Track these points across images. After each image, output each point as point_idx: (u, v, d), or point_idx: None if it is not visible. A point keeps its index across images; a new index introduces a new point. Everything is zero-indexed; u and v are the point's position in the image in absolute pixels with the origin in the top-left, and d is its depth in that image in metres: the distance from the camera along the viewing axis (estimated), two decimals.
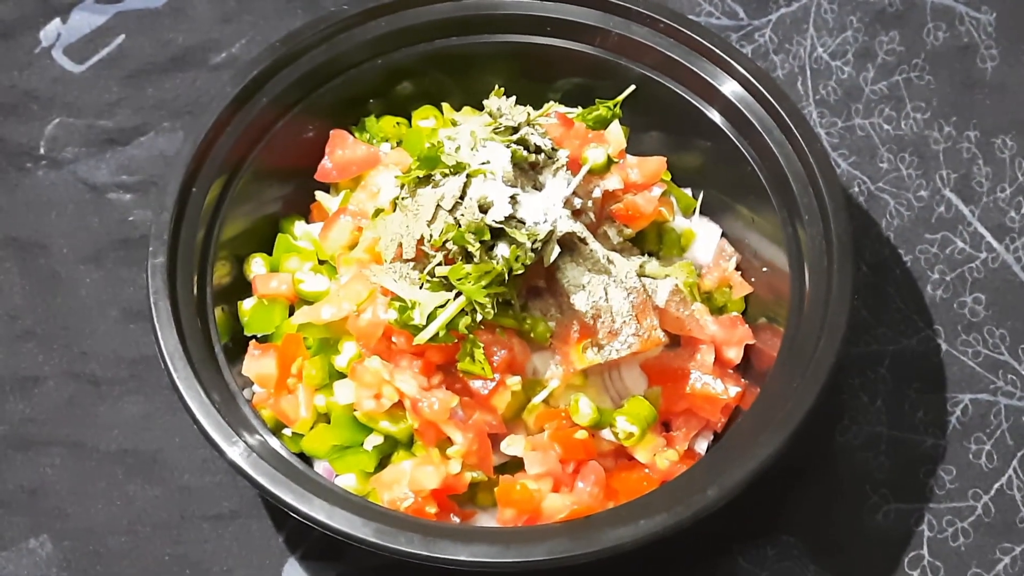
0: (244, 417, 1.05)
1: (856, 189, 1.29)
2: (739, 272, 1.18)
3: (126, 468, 1.18)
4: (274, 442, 1.06)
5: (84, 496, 1.17)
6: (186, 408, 1.02)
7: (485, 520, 1.08)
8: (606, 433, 1.08)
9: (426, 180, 1.06)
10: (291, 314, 1.14)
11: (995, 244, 1.26)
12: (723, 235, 1.20)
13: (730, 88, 1.15)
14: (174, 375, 1.03)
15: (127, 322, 1.23)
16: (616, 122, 1.17)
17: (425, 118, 1.21)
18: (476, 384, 1.04)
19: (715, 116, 1.16)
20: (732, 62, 1.15)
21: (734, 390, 1.10)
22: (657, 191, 1.15)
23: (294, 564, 1.14)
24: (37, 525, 1.16)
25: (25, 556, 1.15)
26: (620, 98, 1.18)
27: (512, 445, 1.07)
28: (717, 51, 1.15)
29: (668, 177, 1.20)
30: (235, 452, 1.00)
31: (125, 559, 1.15)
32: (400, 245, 1.05)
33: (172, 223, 1.08)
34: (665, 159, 1.16)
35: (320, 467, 1.09)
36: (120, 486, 1.17)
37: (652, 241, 1.16)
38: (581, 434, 1.06)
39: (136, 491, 1.17)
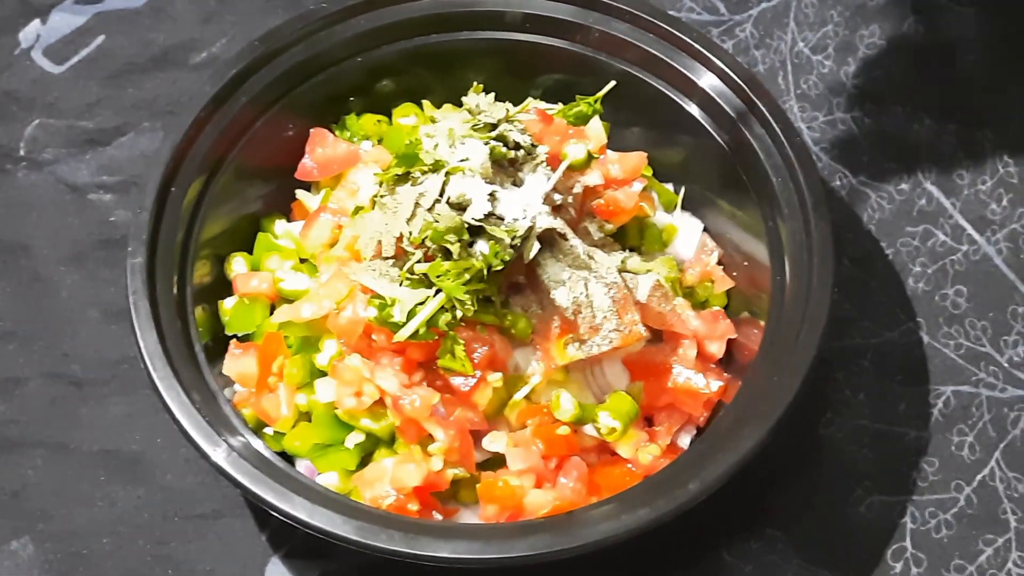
0: (225, 417, 1.05)
1: (838, 183, 1.29)
2: (721, 267, 1.18)
3: (108, 469, 1.18)
4: (255, 441, 1.05)
5: (66, 497, 1.17)
6: (166, 408, 1.02)
7: (468, 517, 1.08)
8: (588, 428, 1.08)
9: (405, 178, 1.06)
10: (272, 313, 1.14)
11: (976, 236, 1.26)
12: (705, 230, 1.20)
13: (710, 83, 1.15)
14: (154, 375, 1.03)
15: (108, 323, 1.23)
16: (597, 118, 1.17)
17: (406, 115, 1.20)
18: (457, 381, 1.04)
19: (695, 111, 1.16)
20: (712, 57, 1.15)
21: (716, 384, 1.09)
22: (638, 186, 1.15)
23: (277, 563, 1.14)
24: (19, 527, 1.16)
25: (7, 558, 1.14)
26: (600, 94, 1.17)
27: (494, 441, 1.06)
28: (697, 46, 1.15)
29: (649, 172, 1.19)
30: (216, 452, 1.00)
31: (108, 560, 1.14)
32: (379, 243, 1.05)
33: (151, 223, 1.08)
34: (646, 154, 1.16)
35: (302, 466, 1.09)
36: (102, 487, 1.17)
37: (634, 236, 1.16)
38: (563, 430, 1.06)
39: (118, 492, 1.17)
